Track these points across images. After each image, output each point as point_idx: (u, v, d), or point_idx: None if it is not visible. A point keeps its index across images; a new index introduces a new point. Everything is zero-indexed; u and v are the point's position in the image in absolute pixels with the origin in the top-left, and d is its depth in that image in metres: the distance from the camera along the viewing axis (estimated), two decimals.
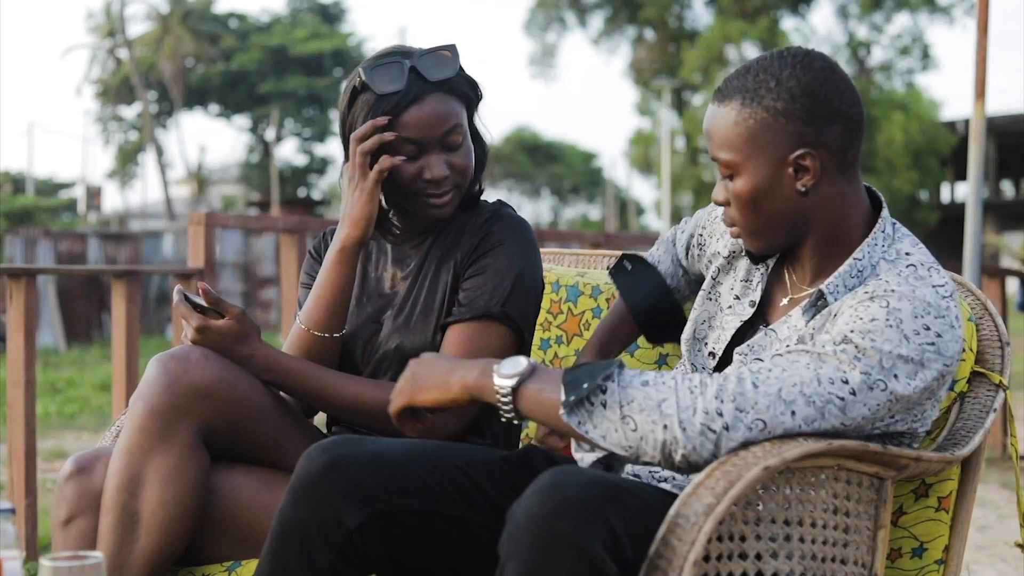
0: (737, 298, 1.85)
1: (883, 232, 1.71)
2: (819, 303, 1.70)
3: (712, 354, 1.84)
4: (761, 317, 1.81)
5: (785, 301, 1.79)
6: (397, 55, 2.03)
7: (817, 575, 1.59)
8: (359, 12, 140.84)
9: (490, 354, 2.00)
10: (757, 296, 1.81)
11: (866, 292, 1.63)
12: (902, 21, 36.65)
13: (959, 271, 4.91)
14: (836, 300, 1.68)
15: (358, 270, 2.18)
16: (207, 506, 1.92)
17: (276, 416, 1.98)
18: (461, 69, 2.06)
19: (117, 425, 2.16)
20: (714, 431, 1.52)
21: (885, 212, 1.74)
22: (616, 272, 2.09)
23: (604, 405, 1.54)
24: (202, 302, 1.97)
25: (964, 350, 1.82)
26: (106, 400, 9.31)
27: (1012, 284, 9.64)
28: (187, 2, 38.84)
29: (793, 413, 1.54)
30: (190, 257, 4.33)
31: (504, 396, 1.61)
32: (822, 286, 1.69)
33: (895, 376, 1.56)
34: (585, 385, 1.54)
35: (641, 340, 2.22)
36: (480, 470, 1.73)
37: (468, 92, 2.08)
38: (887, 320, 1.57)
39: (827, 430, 1.56)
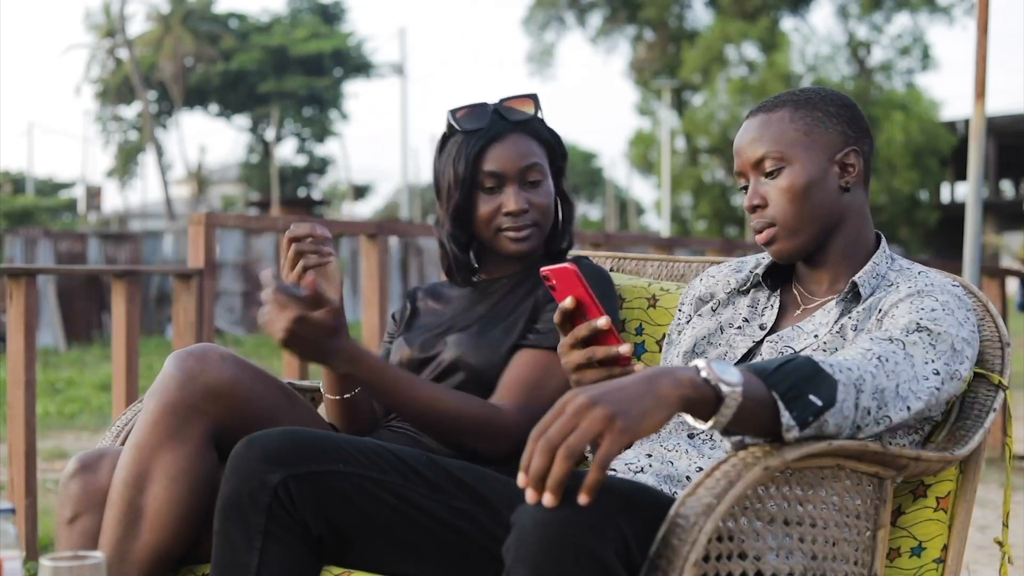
0: (746, 320, 1.92)
1: (885, 253, 1.88)
2: (850, 296, 1.82)
3: None
4: (772, 333, 1.89)
5: (798, 312, 1.89)
6: (482, 102, 2.18)
7: (817, 575, 1.59)
8: (359, 12, 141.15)
9: (554, 386, 2.04)
10: (769, 320, 1.90)
11: (910, 288, 1.77)
12: (902, 21, 36.63)
13: (959, 271, 4.91)
14: (866, 293, 1.81)
15: (432, 308, 2.25)
16: (213, 505, 1.91)
17: (291, 420, 1.96)
18: (542, 119, 2.19)
19: (117, 425, 2.16)
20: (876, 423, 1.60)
21: (883, 240, 1.91)
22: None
23: (824, 414, 1.52)
24: (298, 292, 1.89)
25: None
26: (106, 400, 9.30)
27: (1012, 284, 9.63)
28: (187, 2, 38.83)
29: (908, 408, 1.62)
30: (190, 257, 4.33)
31: (729, 408, 1.44)
32: (855, 278, 1.82)
33: (966, 359, 1.71)
34: (811, 399, 1.50)
35: (650, 344, 2.23)
36: (412, 454, 1.76)
37: (549, 139, 2.20)
38: (944, 309, 1.72)
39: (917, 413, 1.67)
